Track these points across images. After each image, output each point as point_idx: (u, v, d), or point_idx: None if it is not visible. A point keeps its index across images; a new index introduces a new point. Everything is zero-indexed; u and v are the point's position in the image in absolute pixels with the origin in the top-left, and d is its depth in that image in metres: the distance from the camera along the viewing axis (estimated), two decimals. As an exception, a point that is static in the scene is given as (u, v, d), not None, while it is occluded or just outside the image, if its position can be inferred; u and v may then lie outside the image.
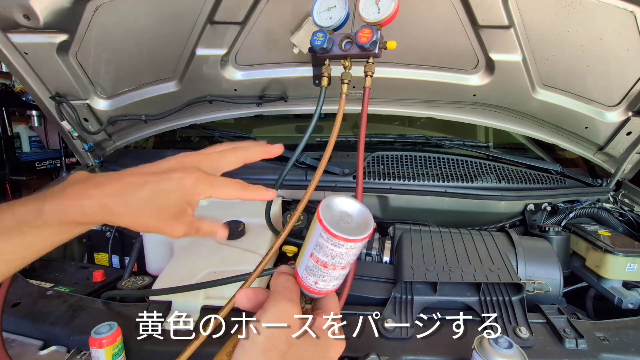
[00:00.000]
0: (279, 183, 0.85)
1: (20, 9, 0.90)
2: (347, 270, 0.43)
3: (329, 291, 0.45)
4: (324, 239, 0.39)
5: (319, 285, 0.43)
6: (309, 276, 0.43)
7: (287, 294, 0.42)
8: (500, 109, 1.32)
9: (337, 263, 0.40)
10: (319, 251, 0.40)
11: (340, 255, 0.40)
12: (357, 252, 0.40)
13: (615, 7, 0.87)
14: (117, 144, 1.51)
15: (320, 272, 0.42)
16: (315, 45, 0.75)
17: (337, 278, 0.43)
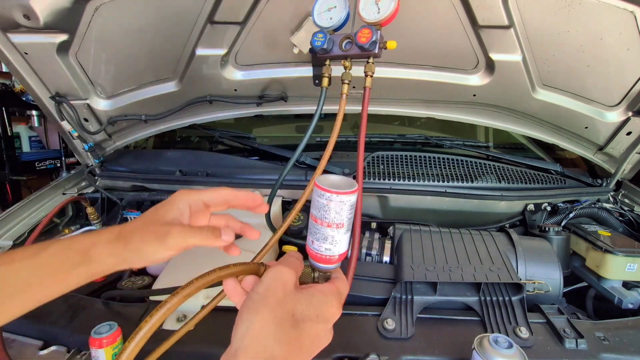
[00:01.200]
0: (279, 183, 0.86)
1: (20, 9, 0.90)
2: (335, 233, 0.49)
3: (323, 256, 0.51)
4: (315, 195, 0.48)
5: (314, 244, 0.51)
6: (309, 238, 0.51)
7: (284, 261, 0.49)
8: (500, 109, 1.32)
9: (323, 217, 0.48)
10: (312, 208, 0.49)
11: (324, 208, 0.47)
12: (338, 209, 0.47)
13: (615, 7, 0.87)
14: (117, 144, 1.51)
15: (313, 229, 0.50)
16: (315, 45, 0.75)
17: (326, 239, 0.49)
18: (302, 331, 0.42)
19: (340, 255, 0.52)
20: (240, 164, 1.39)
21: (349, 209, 0.48)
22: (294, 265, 0.48)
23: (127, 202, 1.34)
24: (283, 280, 0.45)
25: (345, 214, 0.48)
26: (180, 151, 1.49)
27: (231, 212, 0.60)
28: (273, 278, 0.44)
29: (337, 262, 0.53)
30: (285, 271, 0.46)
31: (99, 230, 0.51)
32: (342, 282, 0.52)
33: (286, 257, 0.51)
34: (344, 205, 0.47)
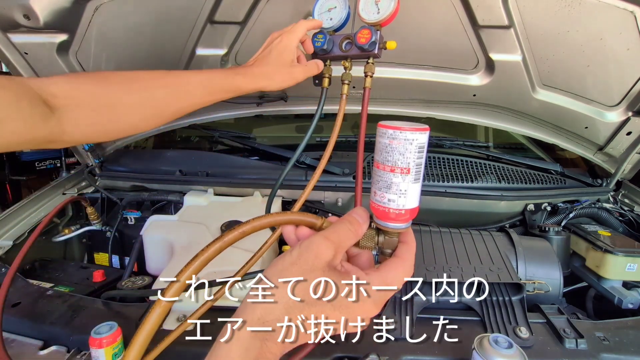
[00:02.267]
0: (279, 183, 0.85)
1: (20, 9, 0.90)
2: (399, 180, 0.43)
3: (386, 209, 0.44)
4: (378, 137, 0.44)
5: (376, 196, 0.45)
6: (372, 190, 0.46)
7: (334, 229, 0.44)
8: (500, 109, 1.32)
9: (385, 159, 0.43)
10: (375, 153, 0.44)
11: (387, 148, 0.42)
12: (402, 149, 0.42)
13: (615, 7, 0.87)
14: (117, 144, 1.51)
15: (376, 177, 0.45)
16: (315, 46, 0.75)
17: (390, 187, 0.43)
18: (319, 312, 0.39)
19: (409, 211, 0.45)
20: (240, 164, 1.39)
21: (417, 152, 0.42)
22: (343, 236, 0.44)
23: (127, 202, 1.34)
24: (315, 254, 0.41)
25: (412, 157, 0.42)
26: (180, 151, 1.49)
27: (230, 211, 0.61)
28: (307, 248, 0.41)
29: (405, 219, 0.46)
30: (321, 244, 0.42)
31: (242, 75, 0.71)
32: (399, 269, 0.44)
33: (344, 218, 0.46)
34: (410, 146, 0.41)
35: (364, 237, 0.47)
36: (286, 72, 0.73)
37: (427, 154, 0.44)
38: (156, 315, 0.40)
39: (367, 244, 0.47)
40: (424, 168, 0.45)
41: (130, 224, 1.32)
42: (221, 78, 0.70)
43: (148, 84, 0.66)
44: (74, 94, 0.59)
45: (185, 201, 1.29)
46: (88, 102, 0.61)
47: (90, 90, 0.61)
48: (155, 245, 1.10)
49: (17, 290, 0.89)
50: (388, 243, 0.47)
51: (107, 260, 1.31)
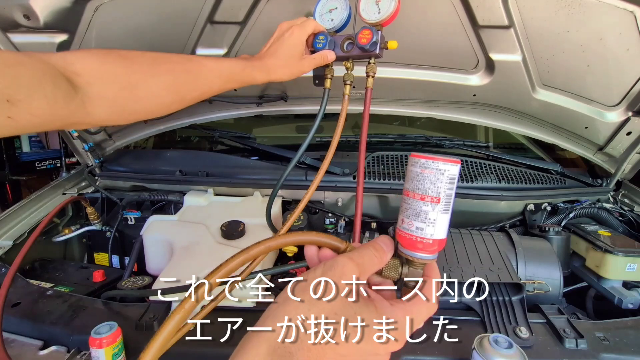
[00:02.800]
0: (280, 184, 0.85)
1: (20, 9, 0.90)
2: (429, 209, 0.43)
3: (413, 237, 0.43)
4: (409, 165, 0.44)
5: (404, 224, 0.44)
6: (399, 218, 0.45)
7: (355, 256, 0.42)
8: (500, 109, 1.32)
9: (415, 187, 0.43)
10: (405, 182, 0.45)
11: (418, 177, 0.43)
12: (434, 178, 0.42)
13: (615, 7, 0.87)
14: (117, 144, 1.51)
15: (404, 205, 0.44)
16: (317, 47, 0.75)
17: (418, 216, 0.43)
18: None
19: (436, 241, 0.44)
20: (240, 164, 1.39)
21: (448, 183, 0.42)
22: (368, 260, 0.42)
23: (127, 202, 1.34)
24: (339, 274, 0.39)
25: (443, 188, 0.42)
26: (180, 151, 1.49)
27: (230, 211, 0.61)
28: (331, 267, 0.40)
29: (432, 250, 0.45)
30: (346, 264, 0.40)
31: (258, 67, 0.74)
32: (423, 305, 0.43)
33: (369, 244, 0.45)
34: (441, 176, 0.42)
35: (388, 266, 0.46)
36: (297, 64, 0.75)
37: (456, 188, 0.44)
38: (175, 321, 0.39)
39: (390, 274, 0.46)
40: (453, 201, 0.44)
41: (130, 224, 1.32)
42: (240, 69, 0.72)
43: (172, 67, 0.66)
44: (99, 73, 0.58)
45: (185, 201, 1.29)
46: (113, 81, 0.59)
47: (115, 70, 0.59)
48: (155, 245, 1.10)
49: (17, 290, 0.89)
50: (412, 274, 0.46)
51: (107, 260, 1.31)
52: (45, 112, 0.50)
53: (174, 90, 0.67)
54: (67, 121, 0.55)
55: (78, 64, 0.55)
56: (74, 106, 0.55)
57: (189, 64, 0.68)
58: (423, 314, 0.43)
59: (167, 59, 0.67)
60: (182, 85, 0.68)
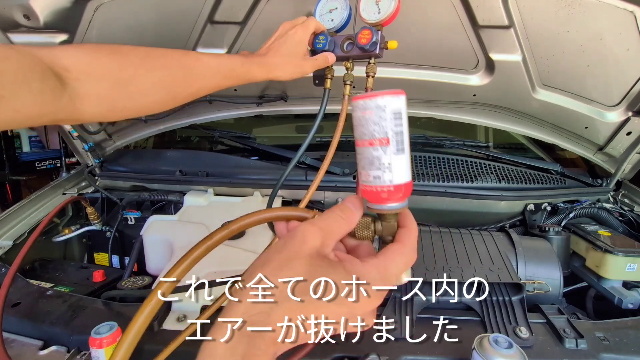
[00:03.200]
0: (280, 184, 0.86)
1: (20, 9, 0.90)
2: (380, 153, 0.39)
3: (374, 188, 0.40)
4: (353, 113, 0.40)
5: (362, 176, 0.41)
6: (357, 172, 0.42)
7: (324, 217, 0.41)
8: (500, 109, 1.32)
9: (362, 134, 0.39)
10: (353, 132, 0.41)
11: (361, 121, 0.39)
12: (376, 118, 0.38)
13: (615, 7, 0.87)
14: (117, 144, 1.51)
15: (358, 157, 0.41)
16: (317, 47, 0.75)
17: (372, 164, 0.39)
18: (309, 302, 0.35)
19: (399, 187, 0.40)
20: (240, 164, 1.39)
21: (393, 119, 0.38)
22: (332, 223, 0.41)
23: (127, 202, 1.34)
24: (301, 240, 0.38)
25: (389, 125, 0.38)
26: (180, 151, 1.49)
27: (230, 211, 0.61)
28: (291, 235, 0.39)
29: (397, 198, 0.41)
30: (307, 230, 0.39)
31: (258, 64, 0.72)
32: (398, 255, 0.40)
33: (335, 207, 0.43)
34: (384, 113, 0.37)
35: (360, 226, 0.43)
36: (298, 64, 0.74)
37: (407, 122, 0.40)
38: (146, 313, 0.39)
39: (363, 234, 0.43)
40: (407, 138, 0.40)
41: (130, 224, 1.32)
42: (239, 65, 0.70)
43: (167, 62, 0.64)
44: (89, 69, 0.55)
45: (185, 201, 1.29)
46: (104, 77, 0.57)
47: (106, 65, 0.57)
48: (155, 245, 1.10)
49: (17, 290, 0.89)
50: (387, 229, 0.43)
51: (107, 260, 1.31)
52: (30, 109, 0.48)
53: (169, 86, 0.65)
54: (54, 117, 0.53)
55: (67, 60, 0.53)
56: (63, 103, 0.53)
57: (185, 59, 0.66)
58: (399, 265, 0.40)
59: (161, 53, 0.65)
60: (177, 81, 0.65)
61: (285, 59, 0.73)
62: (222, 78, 0.69)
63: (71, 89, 0.53)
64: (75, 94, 0.54)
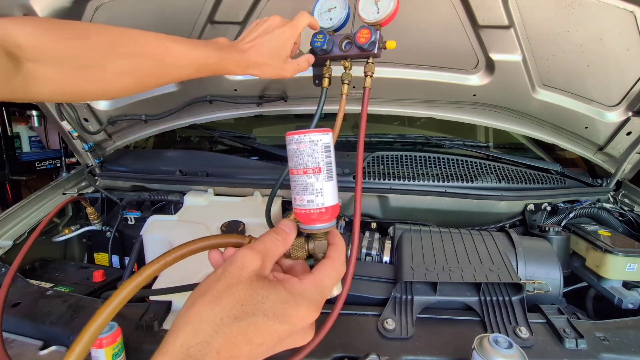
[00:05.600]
0: (279, 183, 0.86)
1: (20, 9, 0.90)
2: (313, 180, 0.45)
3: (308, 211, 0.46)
4: (287, 147, 0.47)
5: (296, 201, 0.47)
6: (292, 198, 0.48)
7: (260, 241, 0.44)
8: (500, 109, 1.32)
9: (297, 164, 0.46)
10: (288, 163, 0.47)
11: (296, 153, 0.45)
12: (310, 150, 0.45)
13: (615, 7, 0.87)
14: (117, 144, 1.51)
15: (292, 184, 0.47)
16: (315, 46, 0.75)
17: (306, 189, 0.46)
18: (251, 325, 0.36)
19: (329, 208, 0.46)
20: (240, 164, 1.40)
21: (324, 151, 0.45)
22: (270, 245, 0.43)
23: (127, 202, 1.34)
24: (240, 265, 0.39)
25: (321, 157, 0.45)
26: (180, 151, 1.49)
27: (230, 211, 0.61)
28: (231, 261, 0.40)
29: (327, 219, 0.47)
30: (246, 255, 0.40)
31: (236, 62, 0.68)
32: (330, 269, 0.44)
33: (270, 230, 0.46)
34: (316, 146, 0.45)
35: (294, 247, 0.47)
36: (278, 66, 0.72)
37: (334, 155, 0.48)
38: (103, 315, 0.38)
39: (298, 254, 0.47)
40: (334, 167, 0.47)
41: (130, 224, 1.32)
42: (215, 59, 0.66)
43: (137, 50, 0.59)
44: (47, 49, 0.50)
45: (185, 201, 1.29)
46: (64, 61, 0.52)
47: (68, 49, 0.52)
48: (155, 245, 1.10)
49: (17, 290, 0.89)
50: (319, 247, 0.48)
51: (107, 260, 1.31)
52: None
53: (136, 75, 0.60)
54: (6, 97, 0.50)
55: (21, 36, 0.48)
56: (15, 84, 0.49)
57: (157, 47, 0.61)
58: (333, 278, 0.44)
59: (132, 39, 0.59)
60: (146, 70, 0.61)
61: (267, 59, 0.70)
62: (195, 70, 0.66)
63: (26, 70, 0.50)
64: (30, 76, 0.50)
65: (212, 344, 0.34)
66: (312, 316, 0.40)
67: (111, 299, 0.39)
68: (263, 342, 0.37)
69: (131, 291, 0.40)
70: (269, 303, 0.38)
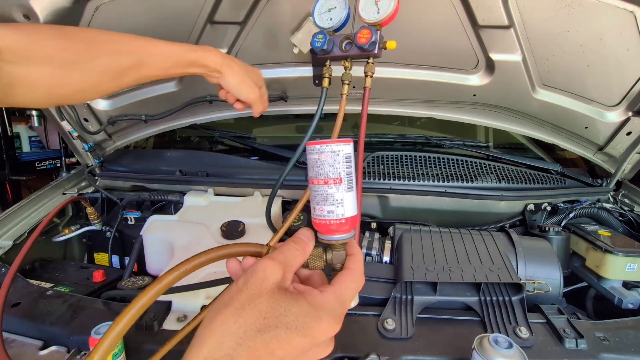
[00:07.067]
0: (279, 183, 0.86)
1: (20, 9, 0.90)
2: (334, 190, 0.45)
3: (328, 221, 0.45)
4: (308, 156, 0.46)
5: (316, 211, 0.46)
6: (311, 207, 0.47)
7: (280, 251, 0.44)
8: (500, 109, 1.32)
9: (317, 174, 0.45)
10: (308, 172, 0.47)
11: (317, 163, 0.45)
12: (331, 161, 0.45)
13: (615, 7, 0.87)
14: (117, 144, 1.51)
15: (312, 194, 0.47)
16: (315, 46, 0.75)
17: (327, 200, 0.45)
18: (273, 338, 0.36)
19: (349, 219, 0.46)
20: (240, 164, 1.40)
21: (345, 162, 0.45)
22: (289, 255, 0.43)
23: (127, 202, 1.34)
24: (262, 277, 0.39)
25: (342, 167, 0.45)
26: (180, 151, 1.49)
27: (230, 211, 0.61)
28: (252, 272, 0.40)
29: (346, 230, 0.47)
30: (268, 266, 0.40)
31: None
32: (350, 281, 0.43)
33: (288, 240, 0.46)
34: (338, 157, 0.44)
35: (312, 257, 0.47)
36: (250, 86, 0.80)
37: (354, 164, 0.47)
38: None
39: (316, 264, 0.47)
40: (354, 179, 0.47)
41: (130, 224, 1.32)
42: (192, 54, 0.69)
43: (115, 48, 0.60)
44: (25, 52, 0.50)
45: (185, 201, 1.29)
46: (43, 62, 0.52)
47: (47, 49, 0.52)
48: (155, 245, 1.10)
49: (17, 290, 0.89)
50: (337, 258, 0.47)
51: (107, 260, 1.31)
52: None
53: (114, 73, 0.60)
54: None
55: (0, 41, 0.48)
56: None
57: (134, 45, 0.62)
58: (352, 290, 0.43)
59: (110, 37, 0.60)
60: (123, 66, 0.61)
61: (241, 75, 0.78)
62: (172, 64, 0.67)
63: (4, 73, 0.49)
64: (8, 79, 0.50)
65: (235, 357, 0.34)
66: (334, 329, 0.40)
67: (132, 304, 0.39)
68: (285, 356, 0.36)
69: (150, 299, 0.40)
70: (291, 316, 0.37)
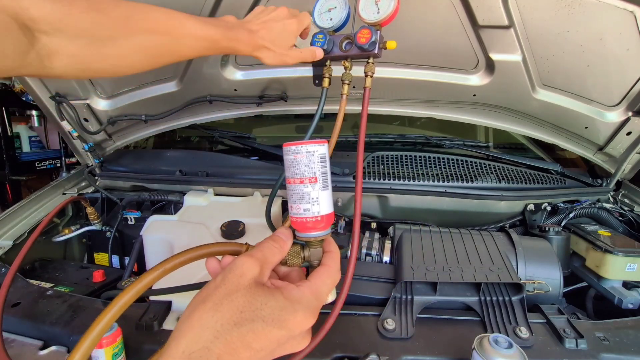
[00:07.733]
0: (279, 183, 0.85)
1: (20, 9, 0.90)
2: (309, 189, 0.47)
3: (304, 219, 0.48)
4: (284, 157, 0.48)
5: (293, 209, 0.48)
6: (288, 206, 0.49)
7: (257, 248, 0.45)
8: (500, 109, 1.32)
9: (293, 174, 0.47)
10: (285, 172, 0.49)
11: (293, 163, 0.47)
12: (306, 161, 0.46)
13: (615, 7, 0.87)
14: (117, 144, 1.51)
15: (289, 193, 0.49)
16: (315, 46, 0.75)
17: (303, 198, 0.47)
18: (250, 331, 0.37)
19: (324, 217, 0.48)
20: (240, 164, 1.40)
21: (320, 162, 0.47)
22: (268, 252, 0.45)
23: (127, 202, 1.34)
24: (239, 273, 0.41)
25: (317, 167, 0.47)
26: (180, 151, 1.49)
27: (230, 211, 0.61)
28: (230, 269, 0.41)
29: (323, 226, 0.49)
30: (245, 262, 0.42)
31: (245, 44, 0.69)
32: (326, 277, 0.45)
33: (267, 238, 0.48)
34: (313, 157, 0.47)
35: (290, 254, 0.49)
36: (283, 53, 0.73)
37: (329, 165, 0.49)
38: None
39: (294, 261, 0.49)
40: (330, 177, 0.49)
41: (130, 224, 1.32)
42: (226, 38, 0.67)
43: (150, 26, 0.58)
44: (61, 24, 0.49)
45: (185, 201, 1.29)
46: (78, 35, 0.51)
47: (83, 22, 0.51)
48: (155, 245, 1.10)
49: (17, 290, 0.89)
50: (314, 255, 0.49)
51: (107, 260, 1.31)
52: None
53: (149, 52, 0.60)
54: (18, 73, 0.50)
55: (34, 9, 0.47)
56: (29, 59, 0.48)
57: (169, 23, 0.61)
58: (328, 285, 0.45)
59: (145, 14, 0.58)
60: (158, 47, 0.61)
61: (273, 46, 0.71)
62: (204, 49, 0.66)
63: (40, 46, 0.49)
64: (44, 51, 0.50)
65: (212, 350, 0.35)
66: (309, 322, 0.41)
67: (112, 304, 0.40)
68: (262, 348, 0.38)
69: (132, 297, 0.41)
70: (268, 309, 0.39)
